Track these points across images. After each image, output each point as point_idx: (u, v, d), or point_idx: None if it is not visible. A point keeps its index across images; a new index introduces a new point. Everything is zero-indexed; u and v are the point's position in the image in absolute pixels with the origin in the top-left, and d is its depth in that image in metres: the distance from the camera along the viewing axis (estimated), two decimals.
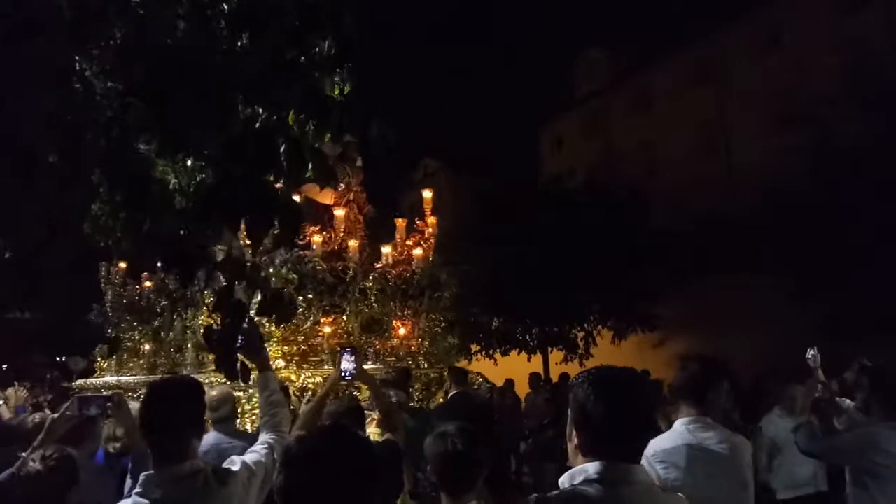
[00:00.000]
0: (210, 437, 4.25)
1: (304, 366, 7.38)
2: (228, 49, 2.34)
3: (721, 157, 28.06)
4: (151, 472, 2.44)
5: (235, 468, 2.60)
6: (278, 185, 2.48)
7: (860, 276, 14.46)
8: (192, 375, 6.25)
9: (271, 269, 7.21)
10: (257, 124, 2.35)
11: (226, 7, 2.33)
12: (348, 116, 2.50)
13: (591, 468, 2.02)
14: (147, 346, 9.08)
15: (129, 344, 9.20)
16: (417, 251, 8.50)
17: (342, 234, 8.28)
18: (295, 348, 7.49)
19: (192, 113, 2.12)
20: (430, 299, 8.58)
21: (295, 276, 7.37)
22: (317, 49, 2.48)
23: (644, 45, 30.61)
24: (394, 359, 7.91)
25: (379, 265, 8.27)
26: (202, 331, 4.22)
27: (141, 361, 9.06)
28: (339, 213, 8.44)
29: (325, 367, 7.37)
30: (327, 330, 7.70)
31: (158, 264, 3.26)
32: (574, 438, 2.10)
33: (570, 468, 2.08)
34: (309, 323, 7.64)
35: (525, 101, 39.11)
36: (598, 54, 34.79)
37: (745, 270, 18.30)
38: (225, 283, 2.34)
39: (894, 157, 14.70)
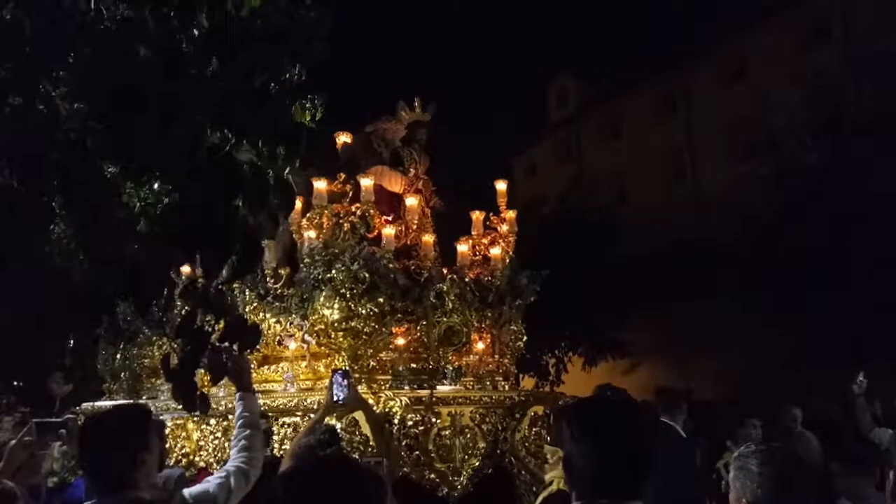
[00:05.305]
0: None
1: (373, 385, 6.14)
2: (197, 74, 2.31)
3: (689, 184, 28.48)
4: (93, 500, 2.41)
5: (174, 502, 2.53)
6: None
7: (828, 303, 14.67)
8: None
9: (339, 265, 6.18)
10: (225, 149, 2.32)
11: (195, 32, 2.30)
12: (319, 143, 2.48)
13: None
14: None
15: (145, 361, 7.82)
16: (495, 250, 7.33)
17: (415, 228, 7.20)
18: (365, 364, 6.30)
19: (156, 138, 2.08)
20: (512, 308, 7.41)
21: (367, 275, 6.22)
22: (286, 75, 2.47)
23: (612, 73, 31.05)
24: (473, 379, 6.81)
25: (447, 267, 7.04)
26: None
27: (159, 382, 7.53)
28: (412, 201, 7.16)
29: (405, 386, 6.30)
30: (400, 342, 6.54)
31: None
32: (567, 480, 1.98)
33: None
34: (384, 333, 6.42)
35: (498, 126, 39.27)
36: (567, 82, 35.25)
37: (713, 296, 18.51)
38: (187, 310, 2.29)
39: (856, 184, 15.05)
